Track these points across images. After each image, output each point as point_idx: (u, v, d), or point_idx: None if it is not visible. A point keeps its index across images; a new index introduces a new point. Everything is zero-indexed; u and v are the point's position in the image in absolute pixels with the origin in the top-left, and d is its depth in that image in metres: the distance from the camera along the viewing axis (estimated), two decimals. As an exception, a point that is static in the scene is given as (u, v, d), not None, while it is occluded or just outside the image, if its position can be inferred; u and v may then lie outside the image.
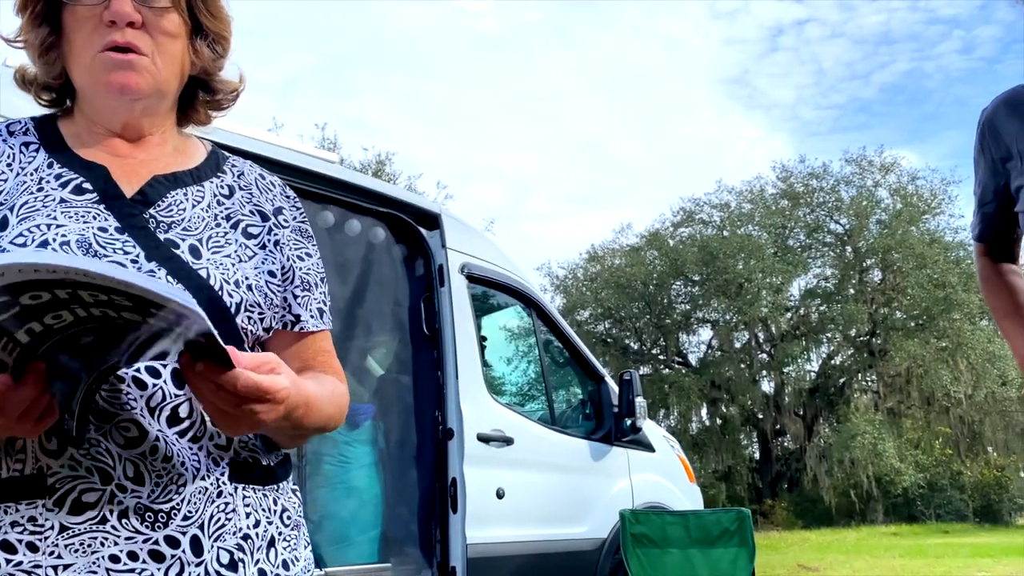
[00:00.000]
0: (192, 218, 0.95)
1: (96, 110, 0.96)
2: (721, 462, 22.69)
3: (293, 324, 1.00)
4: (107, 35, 0.91)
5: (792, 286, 22.78)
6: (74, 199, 0.90)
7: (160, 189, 0.95)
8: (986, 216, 1.68)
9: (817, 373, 23.40)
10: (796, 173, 23.13)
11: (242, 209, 1.00)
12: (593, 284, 24.39)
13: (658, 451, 4.60)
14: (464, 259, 3.65)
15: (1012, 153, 1.57)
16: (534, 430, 3.81)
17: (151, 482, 0.84)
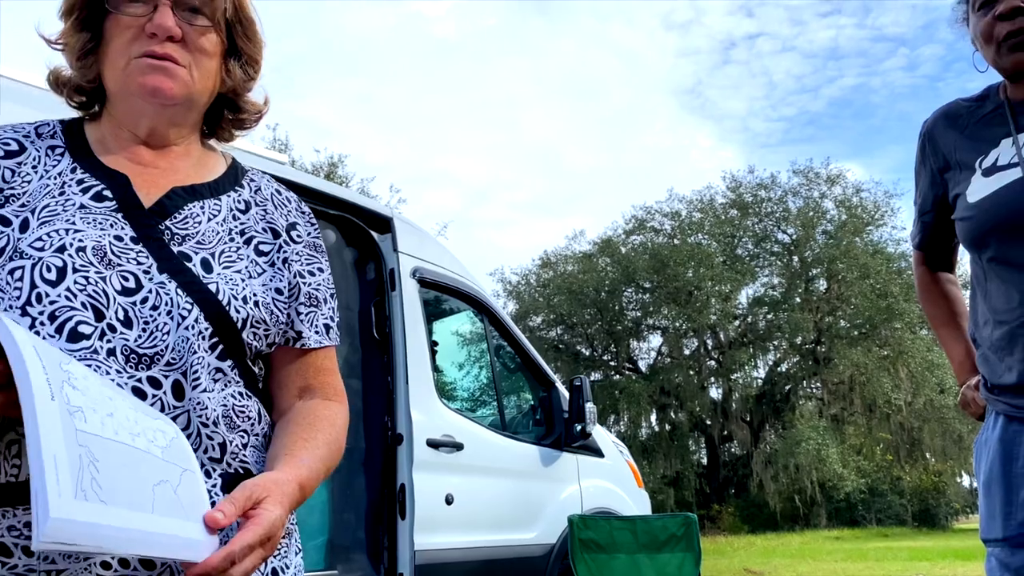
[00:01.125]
0: (207, 232, 0.97)
1: (126, 113, 0.98)
2: (670, 467, 22.97)
3: (295, 340, 1.01)
4: (146, 44, 0.94)
5: (740, 294, 23.23)
6: (94, 205, 0.92)
7: (178, 201, 0.97)
8: (925, 225, 1.73)
9: (764, 380, 23.87)
10: (745, 183, 23.61)
11: (256, 225, 1.02)
12: (546, 290, 24.50)
13: (607, 456, 4.63)
14: (416, 263, 3.62)
15: (950, 163, 1.62)
16: (484, 436, 3.80)
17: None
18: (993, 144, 1.53)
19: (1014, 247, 1.46)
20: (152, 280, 0.89)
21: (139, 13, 0.94)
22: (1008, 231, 1.46)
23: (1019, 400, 1.46)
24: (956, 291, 1.77)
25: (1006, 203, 1.45)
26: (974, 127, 1.59)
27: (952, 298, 1.75)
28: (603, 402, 22.44)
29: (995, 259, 1.50)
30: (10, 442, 0.84)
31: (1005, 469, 1.46)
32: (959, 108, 1.63)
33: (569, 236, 28.20)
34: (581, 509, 4.15)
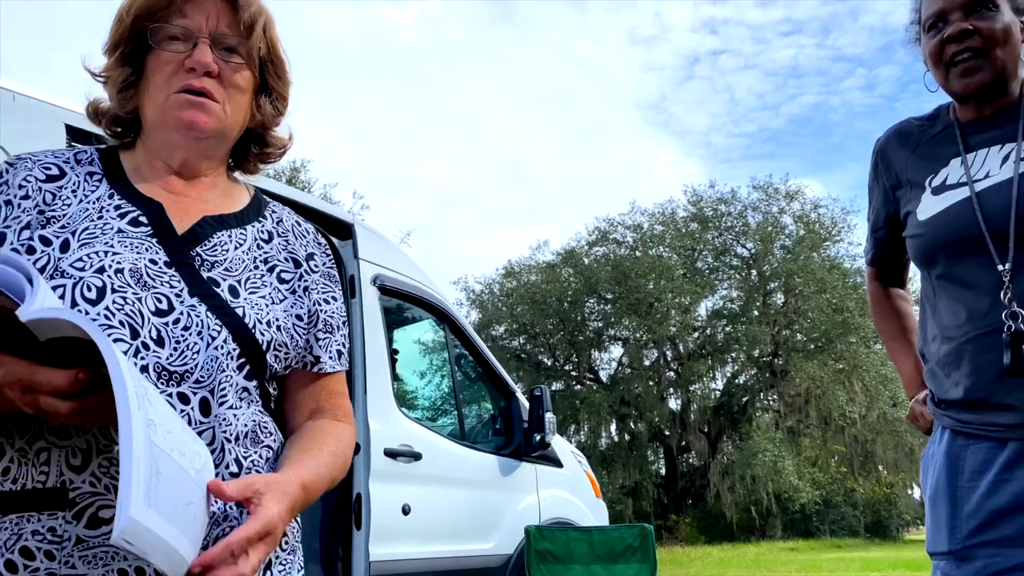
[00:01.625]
0: (233, 259, 1.03)
1: (161, 144, 1.04)
2: (629, 478, 23.08)
3: (313, 365, 1.07)
4: (185, 79, 1.01)
5: (700, 307, 23.50)
6: (131, 230, 0.98)
7: (208, 229, 1.03)
8: (878, 241, 1.76)
9: (722, 392, 24.15)
10: (706, 198, 23.92)
11: (278, 255, 1.08)
12: (509, 300, 24.53)
13: (566, 467, 4.64)
14: (377, 271, 3.59)
15: (902, 181, 1.65)
16: (443, 445, 3.78)
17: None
18: (943, 163, 1.56)
19: (961, 265, 1.49)
20: (183, 303, 0.95)
21: (180, 50, 1.01)
22: (955, 249, 1.49)
23: (964, 415, 1.49)
24: (907, 307, 1.80)
25: (953, 222, 1.49)
26: (925, 146, 1.62)
27: (903, 313, 1.79)
28: (564, 412, 22.49)
29: (943, 276, 1.53)
30: (39, 450, 0.89)
31: (951, 483, 1.49)
32: (911, 127, 1.67)
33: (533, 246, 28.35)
34: (539, 519, 4.14)
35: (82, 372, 0.79)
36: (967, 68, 1.48)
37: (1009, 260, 1.41)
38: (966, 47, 1.48)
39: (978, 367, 1.45)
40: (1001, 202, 1.44)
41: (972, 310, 1.46)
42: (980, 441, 1.47)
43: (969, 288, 1.47)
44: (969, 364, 1.46)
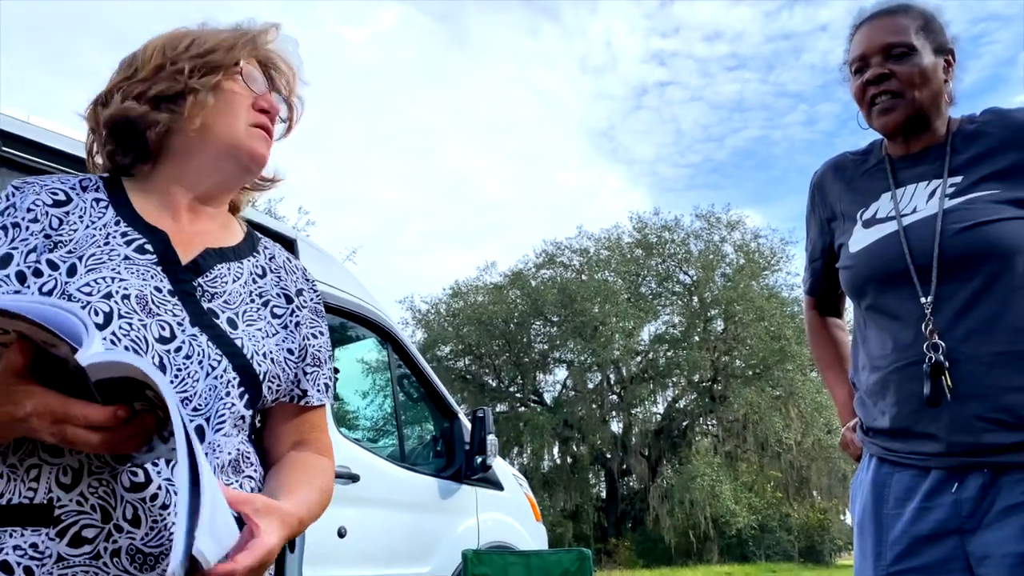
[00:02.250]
0: (232, 292, 1.06)
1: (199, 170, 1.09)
2: (570, 500, 23.08)
3: (300, 398, 1.10)
4: (258, 117, 1.11)
5: (643, 331, 23.77)
6: (137, 257, 1.00)
7: (210, 261, 1.06)
8: (815, 272, 1.80)
9: (663, 415, 24.39)
10: (651, 224, 24.29)
11: (272, 290, 1.11)
12: (455, 320, 24.43)
13: (507, 490, 4.61)
14: (319, 288, 3.54)
15: (836, 213, 1.70)
16: (381, 467, 3.72)
17: (146, 525, 0.89)
18: (874, 197, 1.62)
19: (888, 297, 1.53)
20: (185, 332, 0.96)
21: (259, 90, 1.12)
22: (883, 281, 1.54)
23: (891, 443, 1.53)
24: (843, 336, 1.85)
25: (881, 255, 1.54)
26: (859, 180, 1.67)
27: (838, 342, 1.83)
28: (507, 434, 22.42)
29: (872, 307, 1.58)
30: (31, 466, 0.89)
31: (876, 510, 1.53)
32: (846, 161, 1.73)
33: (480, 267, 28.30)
34: (478, 543, 4.11)
35: (121, 409, 0.81)
36: (883, 108, 1.56)
37: (932, 293, 1.46)
38: (883, 90, 1.55)
39: (902, 397, 1.49)
40: (926, 237, 1.49)
41: (898, 341, 1.51)
42: (905, 469, 1.51)
43: (895, 319, 1.51)
44: (894, 394, 1.51)
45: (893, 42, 1.55)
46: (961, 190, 1.51)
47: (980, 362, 1.43)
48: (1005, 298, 1.44)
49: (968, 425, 1.42)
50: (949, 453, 1.44)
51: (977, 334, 1.44)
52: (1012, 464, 1.40)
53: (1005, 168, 1.50)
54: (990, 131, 1.55)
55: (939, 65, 1.57)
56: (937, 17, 1.61)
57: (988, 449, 1.41)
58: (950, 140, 1.57)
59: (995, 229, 1.45)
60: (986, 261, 1.45)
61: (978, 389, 1.42)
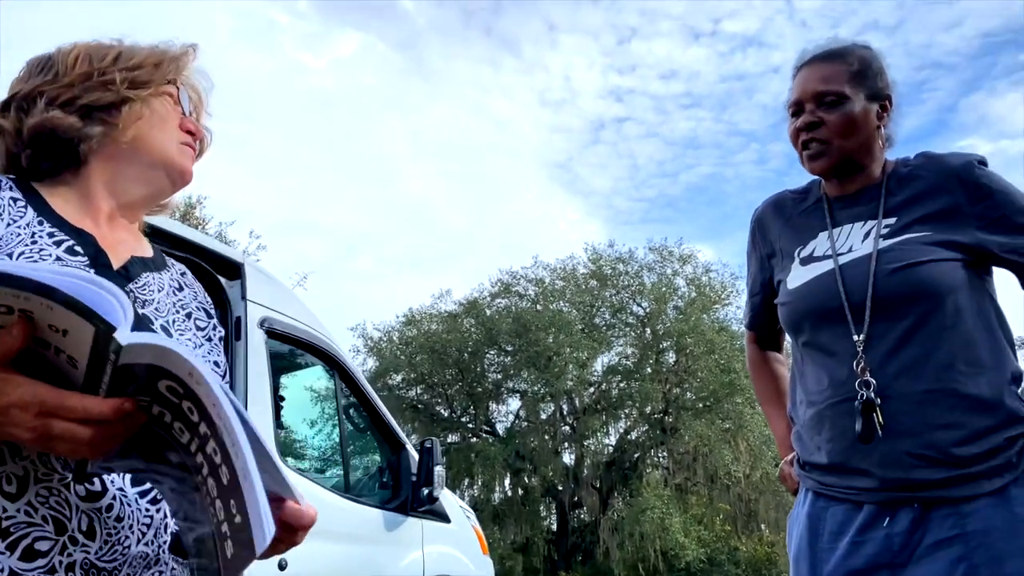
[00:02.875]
0: (160, 301, 1.05)
1: (128, 180, 1.09)
2: (520, 533, 22.88)
3: None
4: (185, 136, 1.14)
5: (596, 362, 23.85)
6: (68, 258, 0.96)
7: (138, 268, 1.05)
8: (755, 306, 1.85)
9: (614, 447, 24.43)
10: (605, 256, 24.51)
11: (191, 303, 1.12)
12: (408, 348, 24.22)
13: (454, 522, 4.55)
14: (265, 313, 3.48)
15: (775, 250, 1.75)
16: (325, 498, 3.64)
17: (101, 539, 0.87)
18: (812, 235, 1.66)
19: (823, 333, 1.57)
20: None
21: (187, 110, 1.15)
22: (818, 318, 1.58)
23: (825, 477, 1.56)
24: (783, 370, 1.89)
25: (817, 292, 1.58)
26: (797, 218, 1.72)
27: (778, 376, 1.87)
28: (459, 465, 22.19)
29: (808, 343, 1.61)
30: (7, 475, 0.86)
31: (812, 544, 1.55)
32: (786, 199, 1.78)
33: (435, 295, 28.18)
34: (422, 576, 4.04)
35: (128, 402, 0.77)
36: (811, 154, 1.63)
37: (864, 331, 1.50)
38: (812, 137, 1.62)
39: (836, 432, 1.52)
40: (860, 276, 1.54)
41: (832, 377, 1.54)
42: (839, 503, 1.54)
43: (831, 356, 1.55)
44: (829, 429, 1.54)
45: (824, 90, 1.61)
46: (895, 231, 1.56)
47: (910, 400, 1.46)
48: (935, 337, 1.48)
49: (899, 461, 1.45)
50: (881, 488, 1.47)
51: (907, 372, 1.47)
52: (941, 499, 1.44)
53: (936, 211, 1.55)
54: (922, 175, 1.60)
55: (872, 111, 1.62)
56: (874, 63, 1.65)
57: (918, 485, 1.45)
58: (885, 182, 1.62)
59: (927, 270, 1.49)
60: (918, 301, 1.49)
61: (908, 426, 1.46)
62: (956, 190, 1.55)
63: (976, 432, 1.44)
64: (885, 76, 1.67)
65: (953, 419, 1.45)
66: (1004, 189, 1.56)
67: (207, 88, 1.22)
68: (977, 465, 1.43)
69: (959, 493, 1.42)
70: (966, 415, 1.45)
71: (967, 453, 1.43)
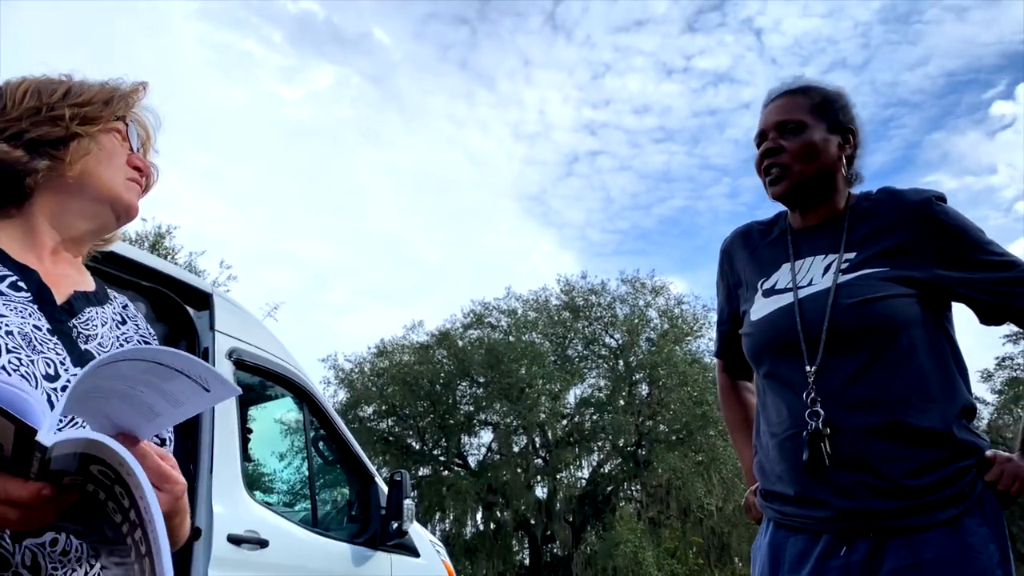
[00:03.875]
0: (103, 335, 1.06)
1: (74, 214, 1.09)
2: (492, 568, 22.58)
3: (160, 445, 1.08)
4: (131, 172, 1.13)
5: (569, 394, 23.81)
6: (11, 293, 0.97)
7: (81, 303, 1.06)
8: (723, 335, 1.87)
9: (587, 480, 24.30)
10: (578, 288, 24.61)
11: (134, 336, 1.13)
12: (379, 379, 24.01)
13: (423, 556, 4.49)
14: (234, 344, 3.44)
15: (742, 280, 1.78)
16: (292, 532, 3.58)
17: (46, 573, 0.87)
18: (775, 267, 1.70)
19: (783, 365, 1.60)
20: (68, 371, 0.95)
21: (135, 147, 1.15)
22: (777, 350, 1.61)
23: (785, 507, 1.58)
24: (751, 399, 1.90)
25: (777, 325, 1.61)
26: (762, 249, 1.76)
27: (747, 405, 1.89)
28: (430, 499, 21.93)
29: (768, 375, 1.64)
30: None
31: (773, 574, 1.57)
32: (752, 230, 1.82)
33: (407, 326, 28.04)
34: (391, 612, 3.97)
35: (47, 488, 0.77)
36: (771, 179, 1.68)
37: (817, 363, 1.54)
38: (773, 162, 1.67)
39: (794, 463, 1.55)
40: (818, 309, 1.56)
41: (790, 409, 1.57)
42: (799, 534, 1.55)
43: (789, 387, 1.58)
44: (786, 460, 1.57)
45: (785, 119, 1.67)
46: (854, 266, 1.59)
47: (863, 432, 1.49)
48: (888, 371, 1.51)
49: (853, 491, 1.48)
50: (837, 519, 1.49)
51: (861, 405, 1.51)
52: (896, 529, 1.46)
53: (894, 247, 1.58)
54: (882, 210, 1.63)
55: (832, 142, 1.66)
56: (839, 99, 1.70)
57: (873, 514, 1.47)
58: (847, 216, 1.66)
59: (882, 306, 1.52)
60: (872, 335, 1.52)
61: (861, 457, 1.49)
62: (915, 226, 1.58)
63: (926, 464, 1.47)
64: (849, 112, 1.71)
65: (905, 452, 1.48)
66: (961, 225, 1.59)
67: (156, 125, 1.23)
68: (930, 496, 1.46)
69: (913, 523, 1.45)
70: (917, 448, 1.48)
71: (919, 484, 1.46)
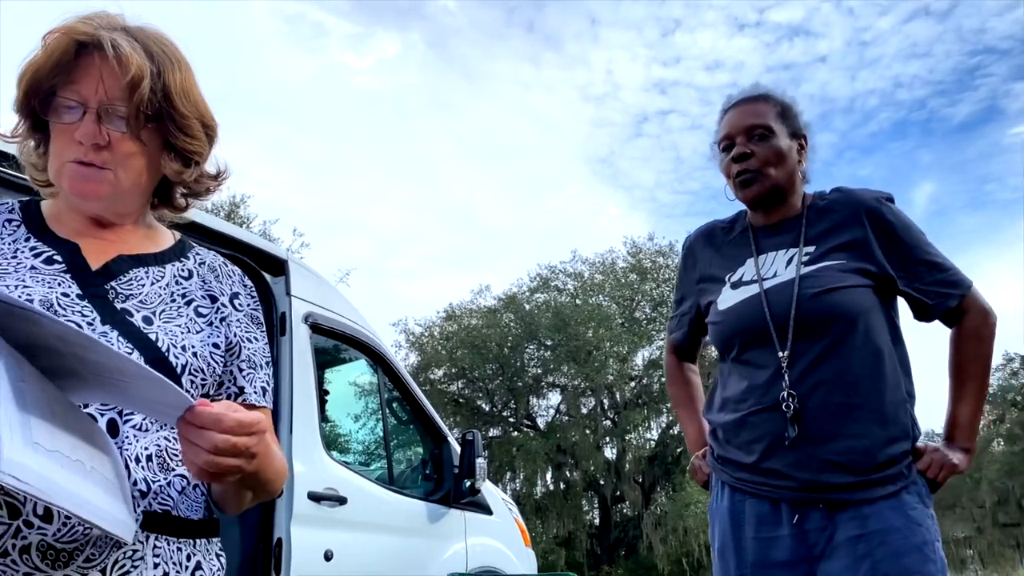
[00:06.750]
0: (149, 294, 1.06)
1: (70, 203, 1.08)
2: (563, 527, 22.90)
3: (237, 395, 1.10)
4: (76, 151, 1.01)
5: (637, 356, 23.73)
6: (44, 267, 1.01)
7: (123, 266, 1.06)
8: (682, 323, 2.02)
9: (656, 442, 24.30)
10: (645, 250, 24.37)
11: (197, 291, 1.11)
12: (448, 343, 24.38)
13: (496, 514, 4.58)
14: (309, 308, 3.54)
15: (705, 275, 1.92)
16: (370, 490, 3.70)
17: (59, 521, 0.87)
18: (740, 262, 1.85)
19: (751, 349, 1.75)
20: (95, 331, 0.96)
21: (70, 121, 1.02)
22: (747, 335, 1.76)
23: (740, 474, 1.74)
24: (696, 379, 2.12)
25: (746, 314, 1.77)
26: (727, 246, 1.91)
27: (692, 384, 2.09)
28: (500, 459, 22.29)
29: (736, 359, 1.79)
30: None
31: (735, 536, 1.72)
32: (715, 229, 1.97)
33: (475, 290, 28.28)
34: (466, 567, 4.07)
35: None
36: (743, 181, 1.79)
37: (788, 348, 1.68)
38: (744, 167, 1.78)
39: (755, 436, 1.71)
40: (784, 299, 1.71)
41: (757, 388, 1.72)
42: (756, 499, 1.71)
43: (757, 369, 1.73)
44: (749, 433, 1.72)
45: (754, 123, 1.79)
46: (814, 258, 1.74)
47: (824, 411, 1.64)
48: (848, 355, 1.66)
49: (810, 464, 1.63)
50: (792, 488, 1.65)
51: (823, 386, 1.65)
52: (844, 502, 1.61)
53: (848, 241, 1.73)
54: (837, 208, 1.78)
55: (793, 147, 1.81)
56: (793, 106, 1.85)
57: (826, 487, 1.62)
58: (805, 213, 1.80)
59: (843, 295, 1.67)
60: (835, 323, 1.67)
61: (820, 434, 1.64)
62: (865, 223, 1.73)
63: (878, 443, 1.63)
64: (801, 119, 1.86)
65: (859, 430, 1.63)
66: (905, 226, 1.75)
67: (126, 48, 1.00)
68: (878, 472, 1.62)
69: (859, 496, 1.61)
70: (870, 427, 1.64)
71: (870, 462, 1.62)
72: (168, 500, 0.98)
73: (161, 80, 1.03)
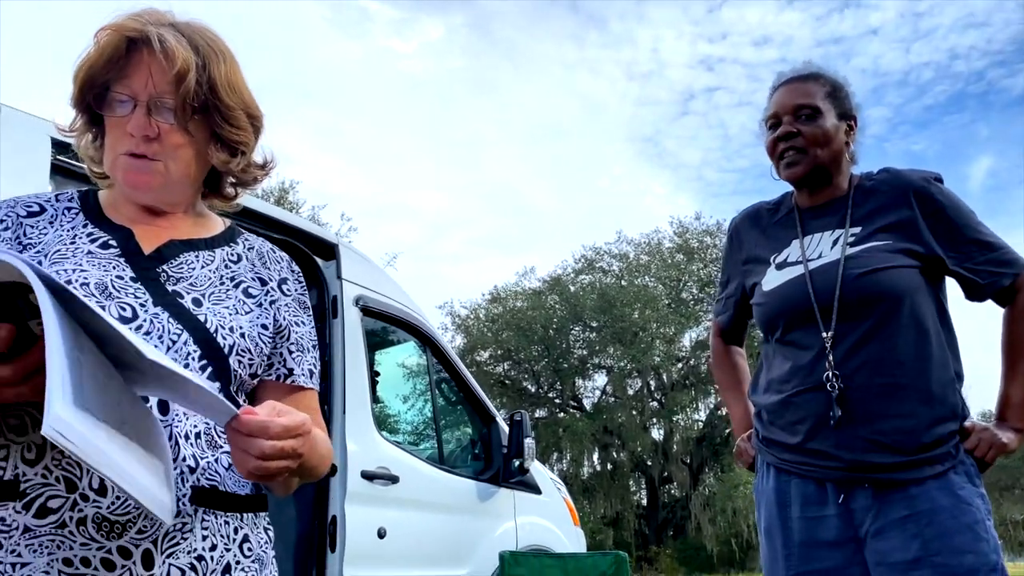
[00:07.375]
0: (199, 276, 1.09)
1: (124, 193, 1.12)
2: (610, 507, 22.95)
3: (286, 377, 1.13)
4: (128, 143, 1.06)
5: (684, 337, 23.56)
6: (100, 252, 1.05)
7: (175, 250, 1.10)
8: (728, 305, 2.01)
9: (704, 423, 24.14)
10: (692, 229, 24.11)
11: (246, 274, 1.14)
12: (494, 325, 24.50)
13: (545, 493, 4.62)
14: (360, 291, 3.60)
15: (751, 257, 1.91)
16: (421, 469, 3.76)
17: (113, 494, 0.91)
18: (785, 244, 1.85)
19: (796, 330, 1.75)
20: (148, 311, 1.00)
21: (122, 114, 1.06)
22: (791, 317, 1.76)
23: (785, 455, 1.74)
24: (742, 361, 2.10)
25: (790, 294, 1.77)
26: (772, 228, 1.91)
27: (738, 367, 2.08)
28: (547, 440, 22.40)
29: (780, 340, 1.79)
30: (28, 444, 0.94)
31: (782, 515, 1.73)
32: (761, 211, 1.97)
33: (520, 273, 28.35)
34: (516, 546, 4.12)
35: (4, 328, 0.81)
36: (788, 162, 1.78)
37: (832, 329, 1.69)
38: (790, 146, 1.77)
39: (801, 417, 1.72)
40: (829, 280, 1.71)
41: (801, 369, 1.72)
42: (801, 479, 1.71)
43: (801, 350, 1.73)
44: (794, 414, 1.73)
45: (802, 103, 1.78)
46: (860, 239, 1.73)
47: (869, 391, 1.64)
48: (893, 336, 1.66)
49: (855, 445, 1.63)
50: (838, 468, 1.65)
51: (867, 367, 1.65)
52: (891, 482, 1.62)
53: (895, 222, 1.73)
54: (884, 189, 1.77)
55: (841, 128, 1.80)
56: (843, 86, 1.85)
57: (871, 467, 1.63)
58: (851, 194, 1.80)
59: (888, 275, 1.67)
60: (880, 303, 1.67)
61: (865, 415, 1.64)
62: (913, 204, 1.72)
63: (924, 423, 1.62)
64: (852, 100, 1.85)
65: (906, 410, 1.63)
66: (955, 206, 1.73)
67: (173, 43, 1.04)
68: (925, 452, 1.61)
69: (905, 476, 1.61)
70: (916, 407, 1.63)
71: (917, 442, 1.61)
72: (216, 476, 1.01)
73: (207, 72, 1.07)
